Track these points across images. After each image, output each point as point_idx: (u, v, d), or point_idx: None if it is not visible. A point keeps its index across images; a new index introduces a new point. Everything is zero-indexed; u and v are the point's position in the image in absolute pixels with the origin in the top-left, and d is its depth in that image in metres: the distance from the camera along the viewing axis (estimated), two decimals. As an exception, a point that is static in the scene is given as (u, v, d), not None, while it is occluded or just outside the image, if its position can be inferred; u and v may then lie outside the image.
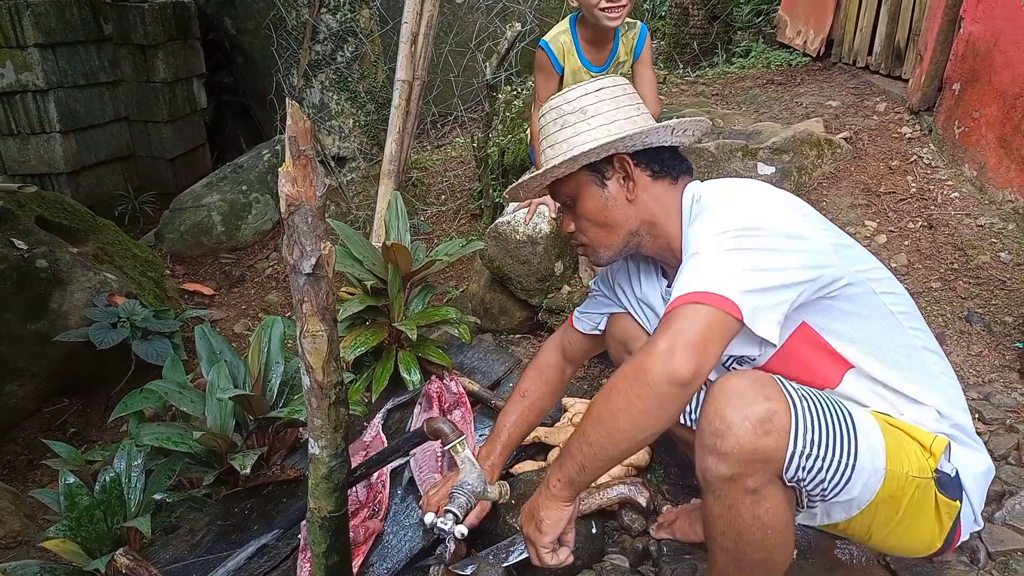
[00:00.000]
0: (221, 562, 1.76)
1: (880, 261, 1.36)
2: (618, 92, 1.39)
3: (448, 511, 1.51)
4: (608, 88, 1.39)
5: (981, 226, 2.50)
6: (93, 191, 5.16)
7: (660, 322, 1.15)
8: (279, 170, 1.12)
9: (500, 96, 3.80)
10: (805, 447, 1.11)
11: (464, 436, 1.65)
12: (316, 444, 1.32)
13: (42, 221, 3.37)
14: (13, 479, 2.91)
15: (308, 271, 1.16)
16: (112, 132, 5.32)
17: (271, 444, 2.15)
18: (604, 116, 1.36)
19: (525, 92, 3.88)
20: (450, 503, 1.53)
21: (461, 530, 1.51)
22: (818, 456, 1.12)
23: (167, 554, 1.89)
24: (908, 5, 3.38)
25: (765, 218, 1.20)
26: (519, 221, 2.66)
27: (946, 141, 2.83)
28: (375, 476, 1.92)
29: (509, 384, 2.35)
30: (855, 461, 1.14)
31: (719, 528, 1.20)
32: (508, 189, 1.58)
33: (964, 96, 2.73)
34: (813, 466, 1.12)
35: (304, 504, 1.43)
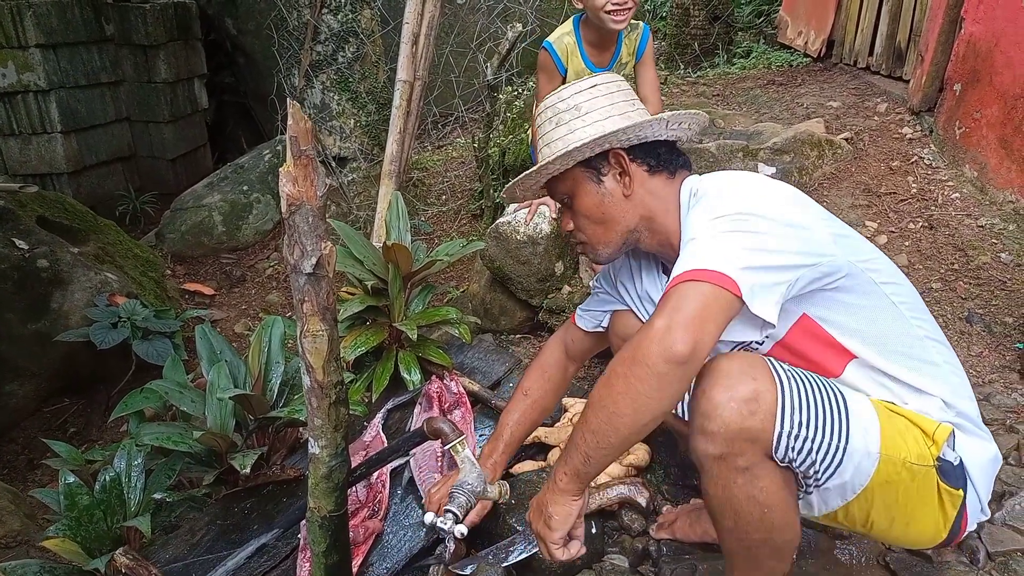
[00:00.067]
0: (221, 561, 1.76)
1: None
2: (612, 88, 1.38)
3: (448, 511, 1.51)
4: (602, 85, 1.38)
5: (982, 227, 2.50)
6: (94, 191, 5.16)
7: (658, 303, 1.14)
8: (280, 170, 1.12)
9: (501, 97, 3.81)
10: (793, 427, 1.12)
11: (464, 436, 1.65)
12: (316, 444, 1.32)
13: (43, 221, 3.37)
14: (13, 478, 2.91)
15: (309, 271, 1.16)
16: (113, 132, 5.32)
17: (271, 444, 2.15)
18: (598, 112, 1.35)
19: (526, 93, 3.89)
20: (450, 502, 1.53)
21: (461, 529, 1.51)
22: (807, 437, 1.12)
23: (167, 553, 1.89)
24: (909, 6, 3.38)
25: (763, 206, 1.19)
26: (520, 221, 2.66)
27: (947, 142, 2.83)
28: (375, 476, 1.92)
29: (509, 384, 2.35)
30: (846, 443, 1.13)
31: (718, 508, 1.21)
32: (505, 188, 1.56)
33: (965, 97, 2.73)
34: (803, 447, 1.12)
35: (304, 504, 1.43)
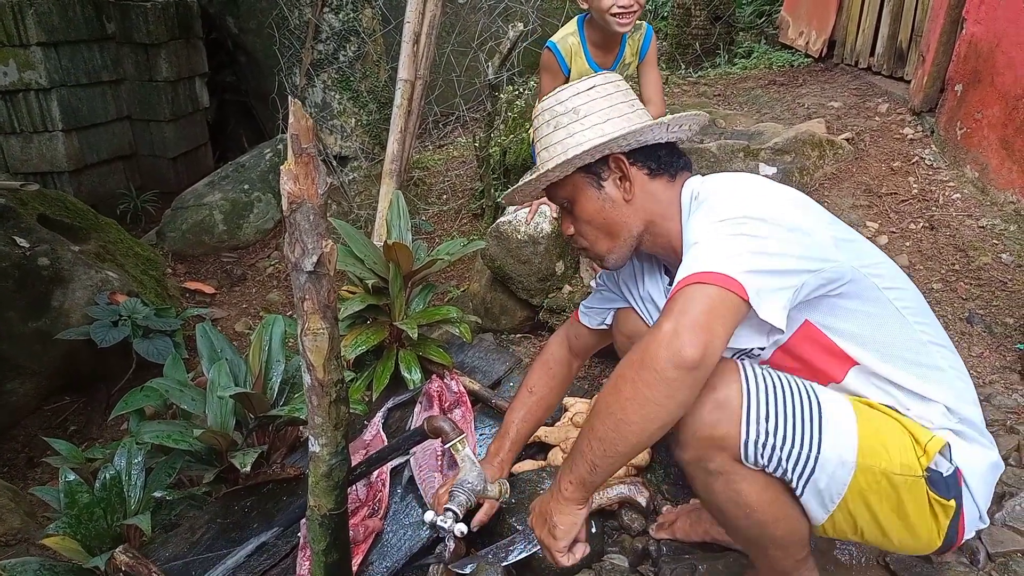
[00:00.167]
0: (221, 560, 1.76)
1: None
2: (611, 90, 1.37)
3: (448, 509, 1.51)
4: (601, 86, 1.36)
5: (983, 227, 2.50)
6: (95, 190, 5.17)
7: (664, 306, 1.12)
8: (281, 168, 1.12)
9: (502, 96, 3.80)
10: (759, 435, 1.12)
11: (464, 435, 1.65)
12: (316, 442, 1.32)
13: (44, 219, 3.38)
14: (13, 476, 2.92)
15: (310, 269, 1.16)
16: (114, 131, 5.33)
17: (271, 442, 2.15)
18: (597, 115, 1.33)
19: (527, 92, 3.88)
20: (450, 501, 1.53)
21: (461, 528, 1.51)
22: (774, 444, 1.13)
23: (167, 552, 1.89)
24: (910, 6, 3.38)
25: (766, 209, 1.18)
26: (520, 221, 2.66)
27: (948, 142, 2.83)
28: (375, 474, 1.92)
29: (510, 384, 2.35)
30: (818, 452, 1.13)
31: (709, 507, 1.24)
32: (504, 194, 1.56)
33: (966, 97, 2.73)
34: (771, 455, 1.13)
35: (304, 502, 1.43)
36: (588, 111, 1.34)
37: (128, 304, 3.15)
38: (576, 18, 2.42)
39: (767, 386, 1.16)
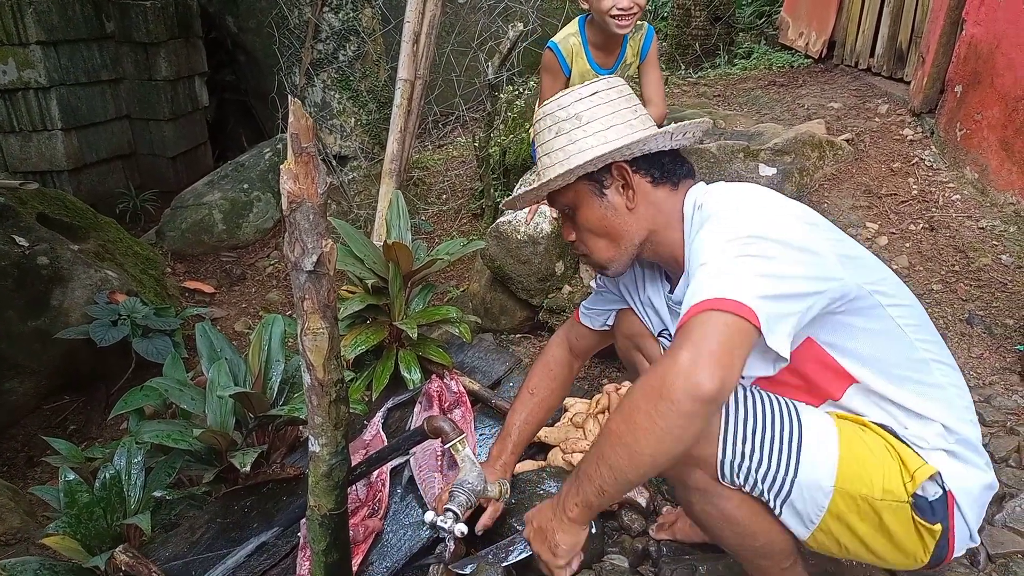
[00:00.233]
0: (221, 559, 1.76)
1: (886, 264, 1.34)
2: (614, 95, 1.35)
3: (448, 509, 1.51)
4: (603, 92, 1.35)
5: (982, 228, 2.50)
6: (94, 189, 5.16)
7: (676, 332, 1.10)
8: (281, 167, 1.12)
9: (502, 96, 3.80)
10: (735, 456, 1.15)
11: (464, 435, 1.65)
12: (316, 442, 1.32)
13: (43, 218, 3.37)
14: (13, 476, 2.91)
15: (309, 268, 1.16)
16: (114, 130, 5.32)
17: (271, 442, 2.15)
18: (600, 122, 1.32)
19: (527, 92, 3.88)
20: (450, 501, 1.52)
21: (461, 528, 1.51)
22: (749, 467, 1.16)
23: (167, 551, 1.89)
24: (910, 7, 3.38)
25: (772, 227, 1.16)
26: (520, 221, 2.66)
27: (948, 143, 2.83)
28: (375, 474, 1.92)
29: (510, 384, 2.35)
30: (794, 475, 1.15)
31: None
32: (505, 201, 1.56)
33: (966, 98, 2.73)
34: (747, 476, 1.16)
35: (304, 502, 1.43)
36: (591, 117, 1.33)
37: (127, 303, 3.14)
38: (577, 18, 2.42)
39: (748, 408, 1.18)
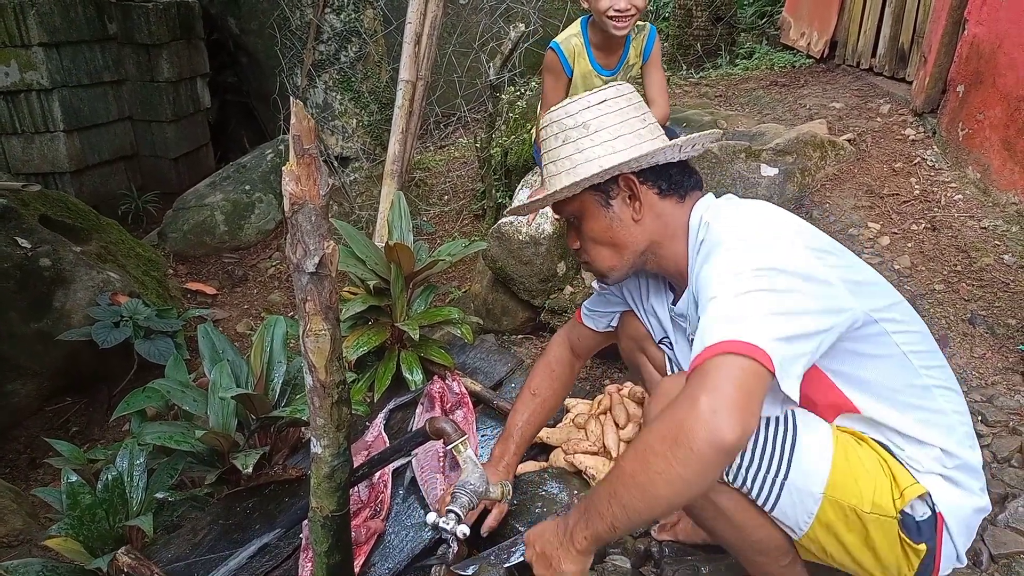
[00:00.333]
0: (223, 561, 1.76)
1: (888, 270, 1.33)
2: (622, 103, 1.34)
3: (450, 511, 1.51)
4: (611, 100, 1.34)
5: (984, 228, 2.49)
6: (97, 190, 5.17)
7: (691, 373, 1.08)
8: (283, 168, 1.13)
9: (503, 97, 3.80)
10: None
11: (466, 436, 1.65)
12: (318, 443, 1.32)
13: (45, 220, 3.38)
14: (15, 477, 2.92)
15: (311, 270, 1.17)
16: (116, 131, 5.33)
17: (273, 443, 2.15)
18: (608, 131, 1.31)
19: (529, 93, 3.88)
20: (452, 502, 1.53)
21: (463, 530, 1.51)
22: (739, 466, 1.17)
23: (169, 553, 1.89)
24: (912, 7, 3.38)
25: (781, 258, 1.15)
26: (522, 222, 2.66)
27: (950, 143, 2.83)
28: (377, 476, 1.92)
29: (511, 385, 2.35)
30: (784, 479, 1.16)
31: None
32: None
33: (968, 98, 2.73)
34: (738, 474, 1.18)
35: (306, 503, 1.43)
36: (598, 126, 1.31)
37: (129, 305, 3.15)
38: (580, 19, 2.42)
39: None
